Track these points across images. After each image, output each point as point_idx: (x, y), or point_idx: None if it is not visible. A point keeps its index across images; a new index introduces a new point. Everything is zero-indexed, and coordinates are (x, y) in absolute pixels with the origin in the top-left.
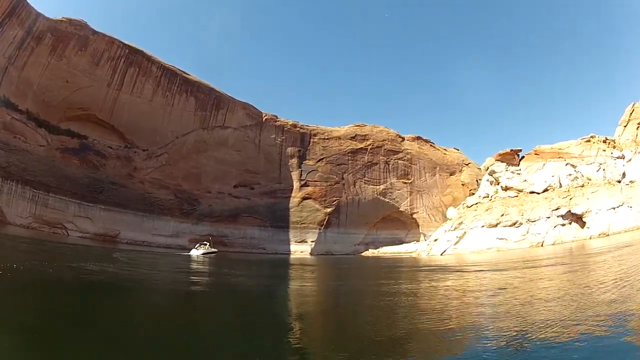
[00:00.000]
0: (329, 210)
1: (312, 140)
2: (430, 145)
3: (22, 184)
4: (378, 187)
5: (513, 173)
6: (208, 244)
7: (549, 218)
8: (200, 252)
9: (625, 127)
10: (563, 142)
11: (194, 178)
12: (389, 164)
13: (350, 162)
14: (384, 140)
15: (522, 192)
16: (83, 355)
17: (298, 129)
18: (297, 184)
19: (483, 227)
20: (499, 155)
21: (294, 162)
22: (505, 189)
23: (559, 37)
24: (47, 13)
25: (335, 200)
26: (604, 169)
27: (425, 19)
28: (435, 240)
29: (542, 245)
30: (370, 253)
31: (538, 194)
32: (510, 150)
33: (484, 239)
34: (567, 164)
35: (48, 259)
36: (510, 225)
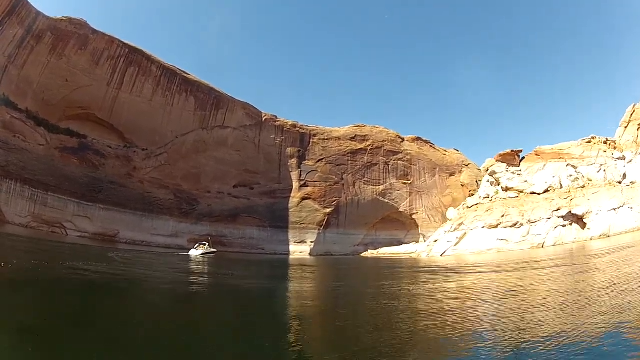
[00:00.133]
0: (329, 211)
1: (311, 141)
2: (430, 146)
3: (21, 183)
4: (378, 187)
5: (513, 174)
6: (207, 244)
7: (550, 219)
8: (200, 252)
9: (626, 128)
10: (564, 142)
11: (194, 178)
12: (389, 165)
13: (350, 162)
14: (384, 141)
15: (522, 192)
16: (83, 355)
17: (298, 129)
18: (296, 184)
19: (483, 228)
20: (500, 156)
21: (294, 162)
22: (506, 190)
23: (559, 37)
24: (47, 12)
25: (335, 201)
26: (605, 170)
27: (425, 19)
28: (435, 241)
29: (542, 247)
30: (370, 254)
31: (539, 195)
32: (511, 151)
33: (485, 240)
34: (567, 165)
35: (48, 259)
36: (511, 226)
